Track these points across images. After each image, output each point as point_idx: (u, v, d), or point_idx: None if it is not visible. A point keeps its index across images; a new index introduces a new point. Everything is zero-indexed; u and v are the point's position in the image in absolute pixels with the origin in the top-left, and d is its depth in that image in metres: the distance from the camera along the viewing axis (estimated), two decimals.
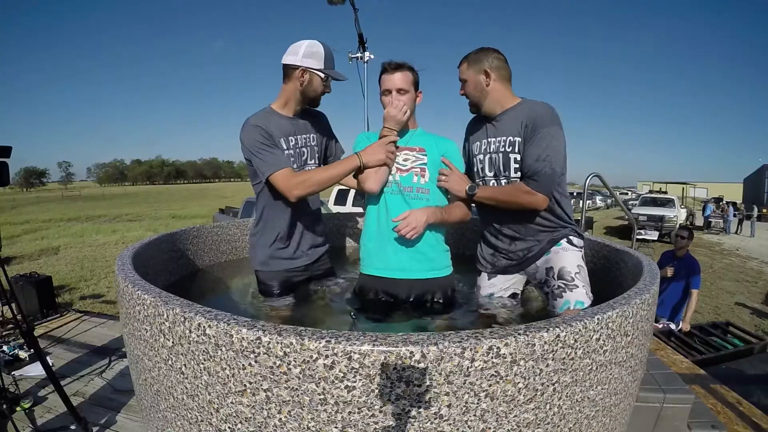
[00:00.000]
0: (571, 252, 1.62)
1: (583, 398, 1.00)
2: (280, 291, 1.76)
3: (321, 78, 1.62)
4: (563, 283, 1.58)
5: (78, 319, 3.50)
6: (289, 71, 1.61)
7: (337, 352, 0.83)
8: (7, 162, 1.97)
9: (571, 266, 1.59)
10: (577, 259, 1.62)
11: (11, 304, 1.94)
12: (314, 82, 1.62)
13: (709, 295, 7.33)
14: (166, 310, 0.99)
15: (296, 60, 1.58)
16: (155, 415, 1.16)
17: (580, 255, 1.63)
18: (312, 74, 1.60)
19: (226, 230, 2.43)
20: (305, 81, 1.60)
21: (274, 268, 1.75)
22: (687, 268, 4.02)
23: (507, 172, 1.59)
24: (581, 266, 1.61)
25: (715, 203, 22.21)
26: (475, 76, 1.57)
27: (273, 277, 1.76)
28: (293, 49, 1.60)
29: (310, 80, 1.61)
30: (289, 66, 1.60)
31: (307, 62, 1.58)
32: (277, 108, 1.68)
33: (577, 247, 1.64)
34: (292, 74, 1.61)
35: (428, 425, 0.87)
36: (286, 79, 1.63)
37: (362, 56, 4.28)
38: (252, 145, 1.55)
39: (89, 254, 9.65)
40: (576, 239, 1.64)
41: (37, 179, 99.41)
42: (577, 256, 1.63)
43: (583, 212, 3.53)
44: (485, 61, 1.55)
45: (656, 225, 13.78)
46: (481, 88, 1.57)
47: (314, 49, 1.59)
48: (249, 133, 1.57)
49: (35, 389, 2.33)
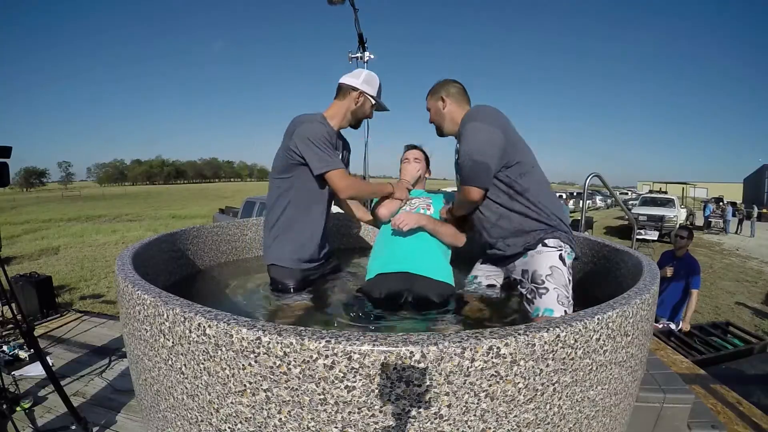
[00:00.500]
0: (544, 254, 1.60)
1: (583, 398, 1.00)
2: (296, 287, 1.78)
3: (371, 104, 1.84)
4: (535, 287, 1.58)
5: (78, 319, 3.51)
6: (347, 91, 1.79)
7: (337, 352, 0.83)
8: (8, 162, 1.97)
9: (542, 269, 1.58)
10: (551, 260, 1.58)
11: (11, 304, 1.94)
12: (366, 105, 1.82)
13: (709, 295, 7.33)
14: (166, 310, 0.99)
15: (357, 83, 1.78)
16: (155, 415, 1.16)
17: (555, 256, 1.59)
18: (366, 99, 1.81)
19: (226, 230, 2.43)
20: (359, 103, 1.80)
21: (294, 266, 1.77)
22: (687, 268, 4.02)
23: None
24: (555, 267, 1.57)
25: (715, 203, 22.20)
26: (435, 103, 1.77)
27: (289, 274, 1.78)
28: (355, 73, 1.82)
29: (363, 103, 1.81)
30: (349, 86, 1.79)
31: (365, 87, 1.79)
32: (328, 118, 1.80)
33: (551, 248, 1.60)
34: (349, 94, 1.79)
35: (428, 425, 0.87)
36: (341, 97, 1.81)
37: (362, 56, 4.27)
38: (318, 138, 1.64)
39: (89, 254, 9.65)
40: (551, 240, 1.60)
41: (37, 179, 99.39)
42: (551, 257, 1.59)
43: (583, 212, 3.53)
44: (441, 90, 1.76)
45: (656, 225, 13.78)
46: (440, 113, 1.76)
47: (372, 78, 1.82)
48: (317, 128, 1.67)
49: (35, 389, 2.33)
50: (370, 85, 1.80)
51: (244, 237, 2.52)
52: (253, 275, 2.12)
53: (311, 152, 1.63)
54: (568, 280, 1.58)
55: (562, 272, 1.57)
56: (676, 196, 16.25)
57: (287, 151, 1.68)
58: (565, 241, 1.62)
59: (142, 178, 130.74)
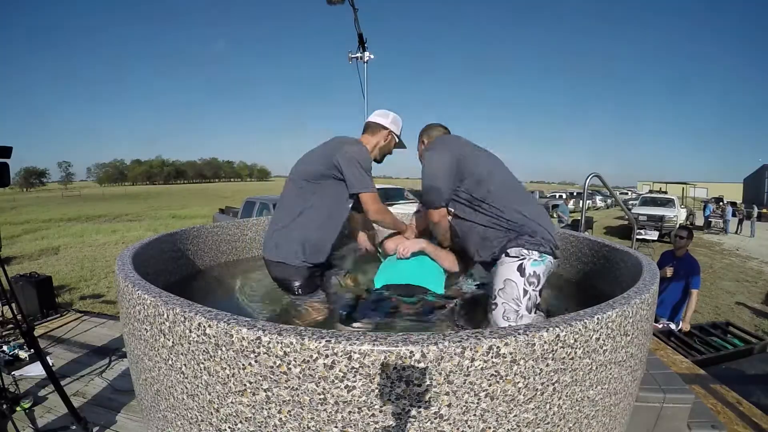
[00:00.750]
0: (504, 266, 1.59)
1: (583, 398, 1.01)
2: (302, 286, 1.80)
3: (395, 142, 2.05)
4: (491, 301, 1.60)
5: (78, 319, 3.51)
6: (378, 129, 2.00)
7: (337, 351, 0.83)
8: (8, 162, 1.97)
9: (498, 282, 1.59)
10: (507, 272, 1.57)
11: (11, 304, 1.94)
12: (391, 143, 2.04)
13: (709, 295, 7.33)
14: (166, 310, 0.99)
15: (386, 123, 2.00)
16: (155, 415, 1.16)
17: (513, 267, 1.57)
18: (392, 137, 2.02)
19: (226, 230, 2.43)
20: (387, 140, 2.01)
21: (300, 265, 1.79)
22: (687, 268, 4.01)
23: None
24: (509, 280, 1.56)
25: (715, 203, 22.20)
26: (419, 145, 1.98)
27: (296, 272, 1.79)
28: (383, 113, 2.02)
29: (390, 141, 2.02)
30: (379, 125, 2.00)
31: (393, 127, 2.01)
32: None
33: (512, 258, 1.58)
34: (379, 131, 2.00)
35: (428, 425, 0.87)
36: (371, 133, 2.00)
37: (362, 56, 4.27)
38: (365, 161, 1.82)
39: (89, 254, 9.64)
40: (513, 249, 1.59)
41: (37, 179, 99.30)
42: (508, 270, 1.57)
43: (583, 212, 3.53)
44: (423, 134, 1.97)
45: (656, 225, 13.76)
46: (422, 153, 1.91)
47: (398, 120, 2.04)
48: (364, 152, 1.85)
49: (35, 389, 2.33)
50: (397, 126, 2.02)
51: (244, 237, 2.52)
52: (254, 275, 2.12)
53: (354, 172, 1.77)
54: (524, 291, 1.55)
55: (515, 285, 1.55)
56: (676, 196, 16.24)
57: (327, 164, 1.78)
58: (530, 247, 1.59)
59: (142, 178, 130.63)
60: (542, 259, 1.59)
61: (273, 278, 1.85)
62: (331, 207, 1.82)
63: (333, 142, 1.87)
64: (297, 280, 1.79)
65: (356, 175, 1.77)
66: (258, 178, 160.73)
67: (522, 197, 1.72)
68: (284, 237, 1.79)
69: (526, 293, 1.55)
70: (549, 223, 1.68)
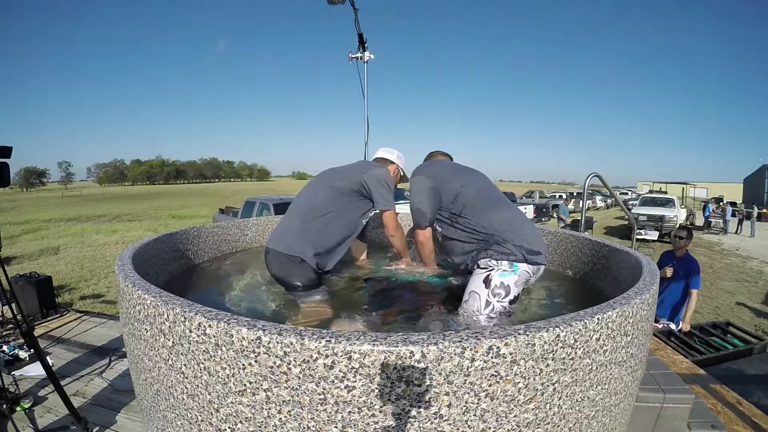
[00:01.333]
0: (473, 277, 1.66)
1: (583, 398, 1.01)
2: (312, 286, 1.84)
3: (401, 176, 2.25)
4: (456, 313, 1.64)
5: (78, 319, 3.51)
6: (387, 163, 2.18)
7: (337, 351, 0.83)
8: (8, 162, 1.97)
9: (465, 294, 1.64)
10: (473, 284, 1.63)
11: (11, 304, 1.94)
12: (398, 177, 2.23)
13: (709, 295, 7.33)
14: (167, 310, 0.99)
15: (394, 158, 2.22)
16: (155, 414, 1.16)
17: (480, 279, 1.62)
18: (398, 171, 2.23)
19: (226, 230, 2.43)
20: (395, 173, 2.19)
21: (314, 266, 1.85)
22: (686, 268, 4.02)
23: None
24: (473, 292, 1.61)
25: (715, 203, 22.19)
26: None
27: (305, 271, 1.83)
28: (388, 150, 2.24)
29: (396, 174, 2.20)
30: (387, 160, 2.21)
31: (399, 162, 2.24)
32: None
33: (480, 270, 1.64)
34: (388, 165, 2.16)
35: (428, 425, 0.87)
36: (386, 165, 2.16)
37: (362, 56, 4.27)
38: (389, 183, 2.01)
39: (89, 254, 9.64)
40: (482, 260, 1.65)
41: (37, 179, 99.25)
42: (474, 282, 1.63)
43: (583, 212, 3.52)
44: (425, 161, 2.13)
45: (656, 225, 13.77)
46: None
47: (401, 156, 2.27)
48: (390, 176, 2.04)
49: (35, 389, 2.33)
50: (401, 161, 2.25)
51: (244, 237, 2.52)
52: (254, 274, 2.12)
53: (381, 191, 1.96)
54: (486, 303, 1.58)
55: (477, 297, 1.60)
56: (676, 196, 16.25)
57: (355, 181, 1.95)
58: (499, 257, 1.62)
59: (142, 178, 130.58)
60: (513, 269, 1.61)
61: (273, 272, 1.85)
62: (350, 219, 1.95)
63: (361, 165, 2.10)
64: (301, 277, 1.81)
65: (383, 195, 1.96)
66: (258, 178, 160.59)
67: (496, 207, 1.76)
68: (302, 234, 1.84)
69: (488, 304, 1.58)
70: (525, 230, 1.69)
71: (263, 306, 1.79)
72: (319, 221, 1.87)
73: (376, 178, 1.96)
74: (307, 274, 1.81)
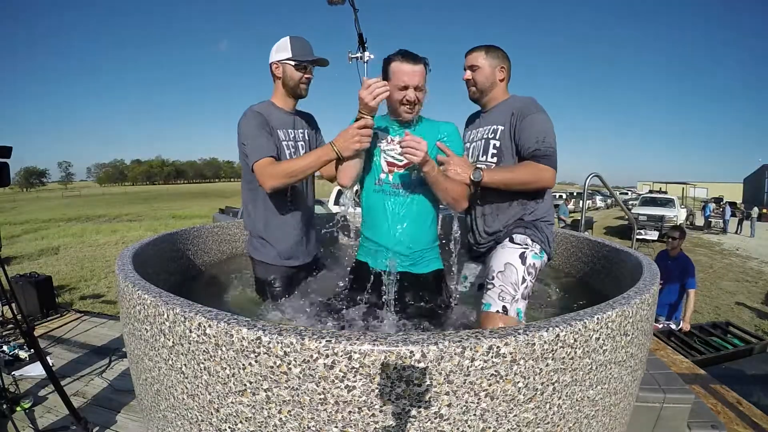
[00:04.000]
0: (506, 250, 1.57)
1: (583, 398, 1.01)
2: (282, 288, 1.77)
3: (292, 65, 1.70)
4: (487, 281, 1.56)
5: (78, 319, 3.51)
6: (271, 70, 1.74)
7: (338, 351, 0.83)
8: (8, 162, 1.97)
9: (498, 265, 1.55)
10: (509, 257, 1.55)
11: (11, 304, 1.94)
12: (287, 71, 1.71)
13: (709, 295, 7.33)
14: (167, 310, 0.99)
15: (271, 59, 1.73)
16: (155, 415, 1.16)
17: (516, 253, 1.55)
18: (284, 65, 1.71)
19: (226, 230, 2.43)
20: (281, 73, 1.72)
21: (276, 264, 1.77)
22: (681, 267, 4.05)
23: (484, 157, 1.66)
24: (509, 264, 1.53)
25: (715, 203, 22.20)
26: (491, 67, 1.65)
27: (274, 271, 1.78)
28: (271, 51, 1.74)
29: (284, 71, 1.71)
30: (270, 66, 1.74)
31: (278, 56, 1.70)
32: (275, 102, 1.78)
33: (515, 245, 1.57)
34: (272, 72, 1.74)
35: (428, 425, 0.87)
36: (273, 78, 1.76)
37: (362, 56, 4.27)
38: (248, 129, 1.63)
39: (89, 254, 9.64)
40: (518, 236, 1.58)
41: (37, 179, 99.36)
42: (510, 255, 1.55)
43: (583, 212, 3.53)
44: (504, 59, 1.66)
45: (656, 225, 13.78)
46: (492, 80, 1.66)
47: (282, 43, 1.71)
48: (248, 118, 1.65)
49: (35, 389, 2.33)
50: (282, 50, 1.69)
51: (244, 237, 2.51)
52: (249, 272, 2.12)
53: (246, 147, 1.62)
54: (522, 279, 1.53)
55: (515, 270, 1.53)
56: (676, 196, 16.26)
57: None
58: (535, 240, 1.59)
59: (142, 178, 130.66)
60: (541, 255, 1.60)
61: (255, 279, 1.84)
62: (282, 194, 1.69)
63: None
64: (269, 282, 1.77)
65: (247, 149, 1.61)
66: None
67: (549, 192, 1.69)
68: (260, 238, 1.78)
69: (524, 281, 1.54)
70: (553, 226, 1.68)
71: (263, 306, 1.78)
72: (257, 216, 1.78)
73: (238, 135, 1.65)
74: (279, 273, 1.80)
